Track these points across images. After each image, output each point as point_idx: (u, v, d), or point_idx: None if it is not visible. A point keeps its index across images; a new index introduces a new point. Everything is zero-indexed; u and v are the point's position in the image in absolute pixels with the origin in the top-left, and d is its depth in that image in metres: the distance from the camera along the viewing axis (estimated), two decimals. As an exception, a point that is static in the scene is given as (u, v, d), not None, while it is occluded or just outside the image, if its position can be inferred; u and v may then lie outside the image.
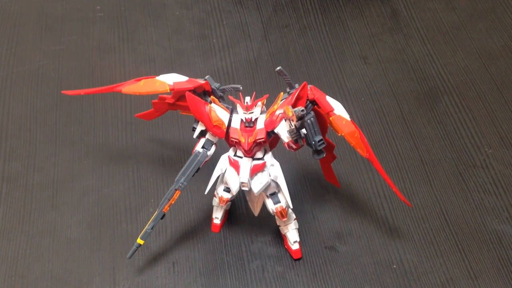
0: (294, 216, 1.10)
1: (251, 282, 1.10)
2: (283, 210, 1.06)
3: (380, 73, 1.46)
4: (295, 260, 1.13)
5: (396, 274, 1.12)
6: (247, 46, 1.52)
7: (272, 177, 1.04)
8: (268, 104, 1.05)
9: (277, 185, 1.05)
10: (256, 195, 1.05)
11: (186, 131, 1.33)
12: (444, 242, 1.16)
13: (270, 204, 1.07)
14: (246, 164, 1.03)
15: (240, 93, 1.04)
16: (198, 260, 1.13)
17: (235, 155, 1.05)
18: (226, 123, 1.03)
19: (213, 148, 1.06)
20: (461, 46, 1.52)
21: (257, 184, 1.03)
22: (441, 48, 1.51)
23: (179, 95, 1.07)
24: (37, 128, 1.34)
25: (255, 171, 1.03)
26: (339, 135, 1.01)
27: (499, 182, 1.25)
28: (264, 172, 1.03)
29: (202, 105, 1.03)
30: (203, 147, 1.05)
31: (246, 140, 1.01)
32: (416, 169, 1.27)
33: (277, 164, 1.05)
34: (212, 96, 1.06)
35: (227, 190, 1.08)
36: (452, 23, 1.57)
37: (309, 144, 1.00)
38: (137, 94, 1.08)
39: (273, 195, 1.07)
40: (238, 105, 1.02)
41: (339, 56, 1.50)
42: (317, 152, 1.00)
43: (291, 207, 1.06)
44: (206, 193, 1.06)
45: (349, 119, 1.02)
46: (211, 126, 1.03)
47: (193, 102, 1.03)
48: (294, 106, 0.97)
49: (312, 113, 0.99)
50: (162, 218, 1.07)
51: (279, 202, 1.06)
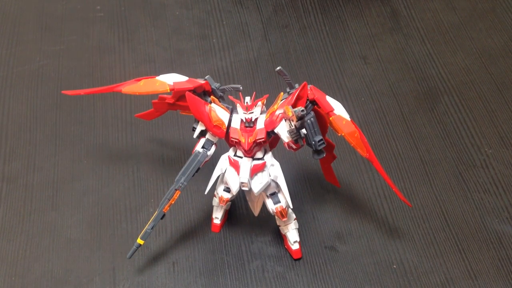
0: (294, 216, 1.10)
1: (251, 282, 1.10)
2: (283, 210, 1.06)
3: (380, 73, 1.46)
4: (295, 260, 1.13)
5: (396, 274, 1.12)
6: (247, 46, 1.52)
7: (272, 177, 1.04)
8: (268, 104, 1.04)
9: (277, 185, 1.05)
10: (256, 195, 1.05)
11: (186, 131, 1.33)
12: (444, 242, 1.16)
13: (270, 204, 1.07)
14: (246, 164, 1.03)
15: (240, 93, 1.04)
16: (198, 260, 1.13)
17: (235, 155, 1.05)
18: (226, 123, 1.03)
19: (213, 148, 1.06)
20: (461, 46, 1.52)
21: (257, 184, 1.03)
22: (441, 48, 1.51)
23: (179, 95, 1.07)
24: (37, 128, 1.34)
25: (255, 171, 1.03)
26: (339, 135, 1.01)
27: (499, 182, 1.25)
28: (264, 172, 1.03)
29: (202, 105, 1.03)
30: (203, 147, 1.05)
31: (246, 140, 1.01)
32: (416, 169, 1.27)
33: (277, 164, 1.05)
34: (212, 96, 1.05)
35: (227, 190, 1.08)
36: (452, 23, 1.57)
37: (309, 144, 1.00)
38: (137, 94, 1.08)
39: (273, 195, 1.07)
40: (238, 105, 1.02)
41: (339, 56, 1.50)
42: (317, 152, 1.00)
43: (291, 207, 1.06)
44: (206, 193, 1.06)
45: (349, 119, 1.01)
46: (211, 126, 1.03)
47: (193, 102, 1.03)
48: (294, 106, 0.97)
49: (312, 113, 0.99)
50: (162, 218, 1.07)
51: (279, 202, 1.06)
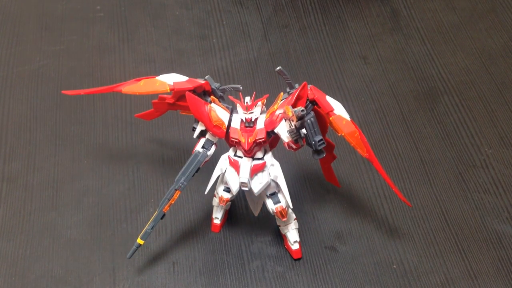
0: (294, 216, 1.10)
1: (251, 282, 1.10)
2: (283, 210, 1.06)
3: (380, 73, 1.46)
4: (295, 260, 1.13)
5: (396, 274, 1.12)
6: (247, 46, 1.52)
7: (272, 177, 1.04)
8: (268, 104, 1.04)
9: (277, 185, 1.05)
10: (256, 195, 1.05)
11: (186, 131, 1.33)
12: (444, 242, 1.16)
13: (270, 204, 1.07)
14: (246, 164, 1.03)
15: (240, 93, 1.04)
16: (198, 260, 1.13)
17: (235, 155, 1.05)
18: (226, 123, 1.03)
19: (213, 148, 1.06)
20: (461, 46, 1.52)
21: (257, 184, 1.03)
22: (441, 48, 1.51)
23: (179, 95, 1.07)
24: (37, 128, 1.34)
25: (255, 171, 1.03)
26: (339, 135, 1.01)
27: (499, 182, 1.25)
28: (264, 172, 1.03)
29: (202, 105, 1.03)
30: (203, 147, 1.05)
31: (246, 140, 1.01)
32: (416, 169, 1.27)
33: (277, 164, 1.05)
34: (212, 96, 1.05)
35: (227, 190, 1.08)
36: (452, 23, 1.57)
37: (309, 144, 1.00)
38: (137, 94, 1.08)
39: (273, 195, 1.07)
40: (238, 105, 1.02)
41: (339, 56, 1.50)
42: (317, 152, 1.00)
43: (291, 207, 1.06)
44: (206, 193, 1.06)
45: (349, 119, 1.01)
46: (211, 126, 1.03)
47: (193, 102, 1.03)
48: (294, 106, 0.97)
49: (312, 113, 0.99)
50: (162, 218, 1.07)
51: (279, 202, 1.06)
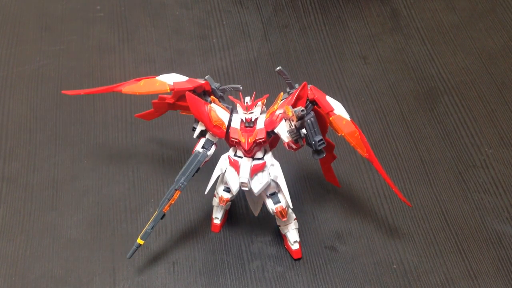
0: (294, 216, 1.10)
1: (251, 282, 1.10)
2: (283, 210, 1.06)
3: (380, 73, 1.46)
4: (295, 260, 1.13)
5: (396, 274, 1.12)
6: (247, 46, 1.52)
7: (272, 177, 1.04)
8: (268, 104, 1.04)
9: (277, 185, 1.05)
10: (256, 195, 1.05)
11: (186, 131, 1.33)
12: (444, 242, 1.16)
13: (270, 204, 1.07)
14: (246, 164, 1.03)
15: (240, 93, 1.04)
16: (198, 260, 1.13)
17: (235, 155, 1.05)
18: (226, 123, 1.03)
19: (213, 148, 1.06)
20: (461, 46, 1.52)
21: (257, 184, 1.03)
22: (441, 48, 1.51)
23: (179, 95, 1.07)
24: (37, 128, 1.34)
25: (255, 171, 1.03)
26: (339, 135, 1.01)
27: (499, 182, 1.25)
28: (264, 172, 1.03)
29: (202, 105, 1.03)
30: (203, 147, 1.05)
31: (246, 140, 1.01)
32: (416, 169, 1.27)
33: (277, 164, 1.05)
34: (212, 96, 1.05)
35: (227, 190, 1.08)
36: (452, 23, 1.57)
37: (309, 144, 1.00)
38: (137, 94, 1.08)
39: (273, 195, 1.07)
40: (238, 105, 1.02)
41: (339, 56, 1.50)
42: (317, 152, 1.00)
43: (291, 207, 1.06)
44: (206, 193, 1.06)
45: (349, 119, 1.01)
46: (211, 126, 1.03)
47: (193, 102, 1.03)
48: (294, 106, 0.97)
49: (312, 113, 0.99)
50: (162, 218, 1.07)
51: (279, 202, 1.06)
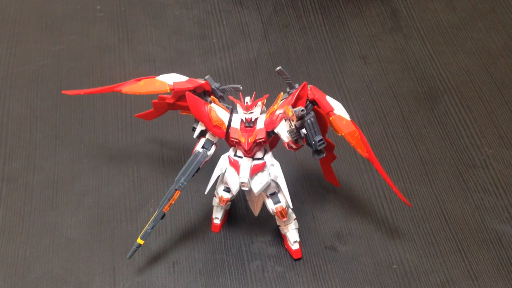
0: (294, 216, 1.10)
1: (251, 282, 1.10)
2: (283, 210, 1.06)
3: (380, 73, 1.46)
4: (295, 260, 1.13)
5: (396, 274, 1.12)
6: (247, 46, 1.52)
7: (272, 177, 1.04)
8: (268, 104, 1.04)
9: (277, 185, 1.05)
10: (256, 195, 1.05)
11: (186, 131, 1.33)
12: (444, 242, 1.16)
13: (270, 204, 1.07)
14: (246, 164, 1.03)
15: (240, 93, 1.04)
16: (198, 260, 1.13)
17: (235, 155, 1.05)
18: (226, 123, 1.03)
19: (213, 148, 1.06)
20: (461, 46, 1.52)
21: (257, 184, 1.03)
22: (441, 48, 1.51)
23: (179, 95, 1.07)
24: (37, 128, 1.34)
25: (255, 171, 1.03)
26: (339, 135, 1.01)
27: (499, 182, 1.25)
28: (264, 172, 1.03)
29: (202, 105, 1.03)
30: (203, 147, 1.05)
31: (246, 140, 1.01)
32: (416, 169, 1.27)
33: (277, 164, 1.05)
34: (212, 96, 1.05)
35: (227, 190, 1.08)
36: (452, 23, 1.57)
37: (309, 144, 1.00)
38: (137, 94, 1.08)
39: (273, 195, 1.07)
40: (238, 105, 1.02)
41: (339, 56, 1.50)
42: (317, 152, 1.00)
43: (291, 207, 1.06)
44: (206, 193, 1.06)
45: (349, 119, 1.01)
46: (211, 126, 1.03)
47: (193, 102, 1.03)
48: (294, 106, 0.97)
49: (312, 113, 0.99)
50: (162, 218, 1.07)
51: (279, 202, 1.06)
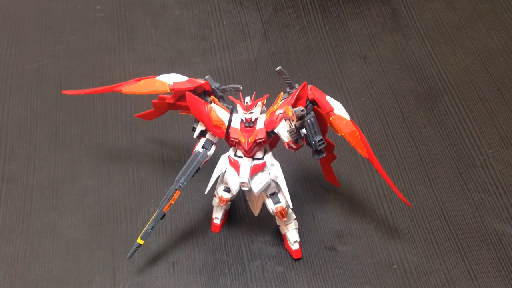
0: (294, 216, 1.10)
1: (251, 282, 1.10)
2: (283, 210, 1.06)
3: (380, 73, 1.46)
4: (295, 260, 1.13)
5: (396, 274, 1.12)
6: (247, 46, 1.52)
7: (272, 177, 1.04)
8: (268, 104, 1.04)
9: (277, 185, 1.05)
10: (256, 195, 1.05)
11: (186, 131, 1.33)
12: (444, 242, 1.16)
13: (270, 204, 1.07)
14: (246, 164, 1.03)
15: (240, 93, 1.04)
16: (198, 260, 1.13)
17: (235, 155, 1.05)
18: (226, 123, 1.03)
19: (213, 148, 1.06)
20: (461, 46, 1.52)
21: (257, 184, 1.03)
22: (441, 48, 1.51)
23: (179, 95, 1.07)
24: (37, 128, 1.34)
25: (255, 171, 1.03)
26: (339, 135, 1.01)
27: (499, 182, 1.25)
28: (264, 172, 1.03)
29: (202, 105, 1.03)
30: (203, 147, 1.05)
31: (246, 140, 1.01)
32: (416, 169, 1.27)
33: (277, 164, 1.05)
34: (212, 96, 1.05)
35: (227, 190, 1.08)
36: (452, 23, 1.57)
37: (309, 144, 1.00)
38: (137, 94, 1.08)
39: (273, 195, 1.07)
40: (238, 105, 1.02)
41: (339, 56, 1.50)
42: (317, 152, 1.00)
43: (291, 207, 1.06)
44: (206, 193, 1.06)
45: (349, 119, 1.01)
46: (211, 126, 1.03)
47: (193, 102, 1.03)
48: (294, 106, 0.97)
49: (312, 113, 0.99)
50: (162, 218, 1.07)
51: (279, 202, 1.06)
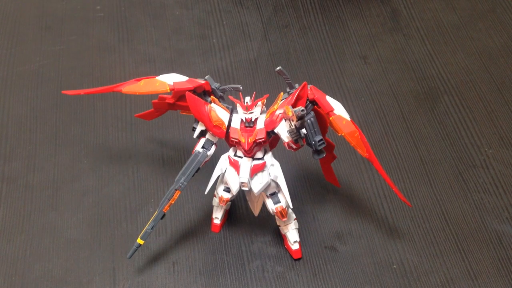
0: (294, 216, 1.10)
1: (251, 282, 1.10)
2: (283, 210, 1.06)
3: (380, 73, 1.46)
4: (295, 260, 1.13)
5: (396, 274, 1.12)
6: (247, 46, 1.52)
7: (272, 177, 1.04)
8: (268, 104, 1.05)
9: (277, 185, 1.05)
10: (256, 195, 1.05)
11: (186, 131, 1.33)
12: (444, 242, 1.16)
13: (270, 204, 1.07)
14: (246, 164, 1.03)
15: (240, 93, 1.04)
16: (198, 260, 1.13)
17: (235, 155, 1.05)
18: (226, 123, 1.03)
19: (213, 148, 1.06)
20: (461, 46, 1.52)
21: (257, 184, 1.03)
22: (441, 48, 1.51)
23: (179, 95, 1.07)
24: (37, 128, 1.34)
25: (255, 171, 1.03)
26: (339, 135, 1.01)
27: (499, 182, 1.25)
28: (264, 172, 1.03)
29: (202, 105, 1.03)
30: (203, 147, 1.05)
31: (246, 140, 1.01)
32: (416, 169, 1.27)
33: (277, 164, 1.05)
34: (212, 96, 1.05)
35: (227, 190, 1.08)
36: (452, 23, 1.57)
37: (309, 144, 1.00)
38: (137, 94, 1.08)
39: (273, 195, 1.07)
40: (238, 105, 1.02)
41: (339, 56, 1.50)
42: (317, 152, 1.00)
43: (291, 207, 1.06)
44: (206, 193, 1.06)
45: (349, 119, 1.01)
46: (211, 126, 1.03)
47: (193, 102, 1.03)
48: (294, 106, 0.97)
49: (312, 113, 0.99)
50: (162, 218, 1.07)
51: (279, 202, 1.06)
